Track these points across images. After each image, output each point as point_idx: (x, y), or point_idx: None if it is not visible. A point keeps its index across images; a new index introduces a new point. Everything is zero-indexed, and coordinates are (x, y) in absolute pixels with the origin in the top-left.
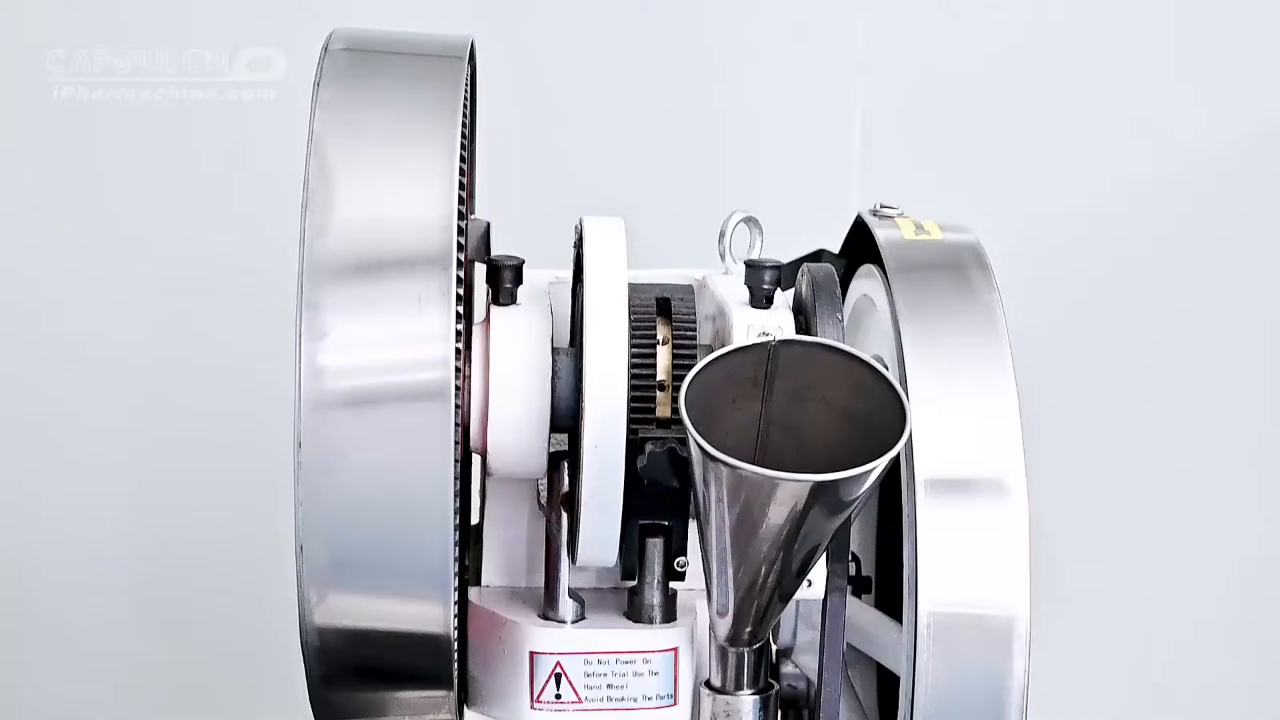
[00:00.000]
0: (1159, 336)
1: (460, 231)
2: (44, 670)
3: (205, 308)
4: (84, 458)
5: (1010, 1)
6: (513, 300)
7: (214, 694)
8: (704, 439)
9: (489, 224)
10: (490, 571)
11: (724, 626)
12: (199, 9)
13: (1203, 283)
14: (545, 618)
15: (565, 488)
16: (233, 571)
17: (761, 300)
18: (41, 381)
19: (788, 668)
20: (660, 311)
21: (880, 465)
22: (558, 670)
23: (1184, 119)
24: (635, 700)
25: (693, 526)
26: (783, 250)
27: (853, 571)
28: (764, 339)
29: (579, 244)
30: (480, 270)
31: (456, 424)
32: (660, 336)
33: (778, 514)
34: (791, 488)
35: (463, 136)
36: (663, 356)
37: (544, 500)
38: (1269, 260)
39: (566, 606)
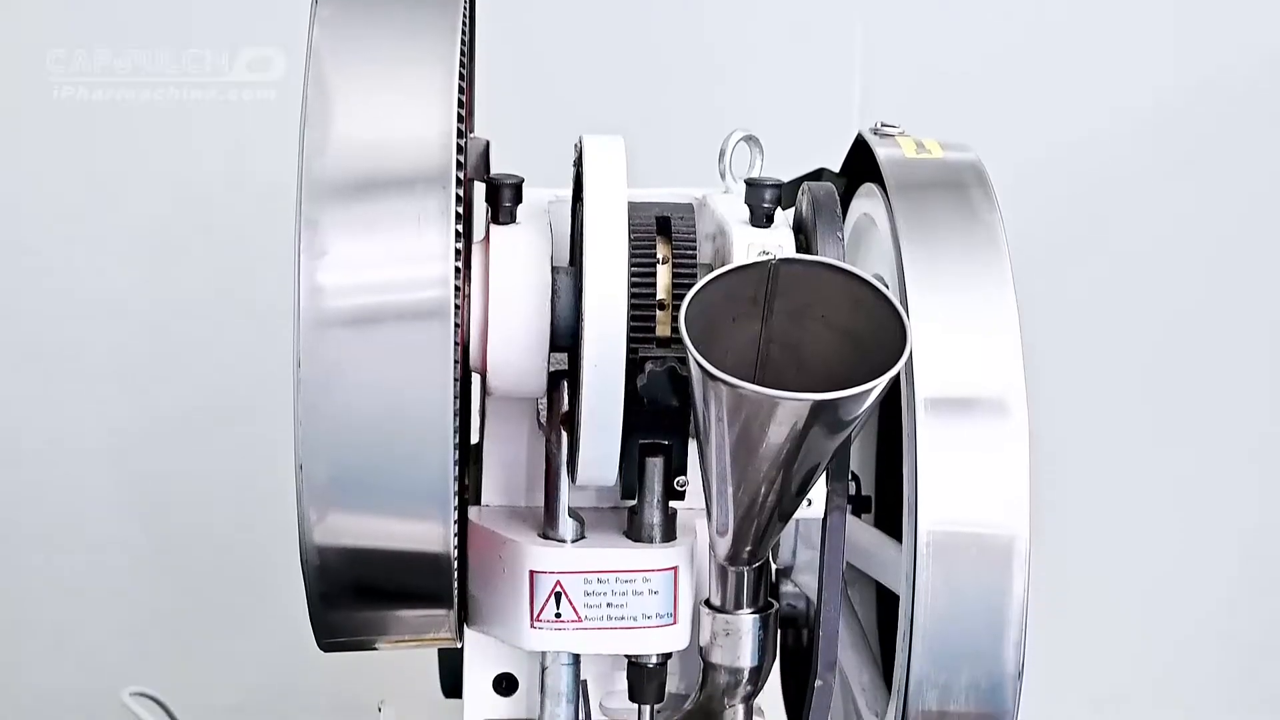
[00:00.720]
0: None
1: (459, 150)
2: (41, 595)
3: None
4: (80, 387)
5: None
6: (512, 219)
7: (213, 615)
8: (704, 358)
9: (488, 142)
10: (490, 491)
11: (724, 545)
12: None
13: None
14: (545, 537)
15: (565, 407)
16: (232, 490)
17: (762, 219)
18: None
19: (787, 587)
20: (660, 230)
21: (880, 384)
22: (558, 589)
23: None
24: (635, 619)
25: (692, 446)
26: (783, 169)
27: (852, 491)
28: (764, 258)
29: (578, 162)
30: (480, 189)
31: (456, 343)
32: (660, 255)
33: (778, 433)
34: (791, 407)
35: (462, 54)
36: (662, 275)
37: (544, 419)
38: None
39: (566, 526)
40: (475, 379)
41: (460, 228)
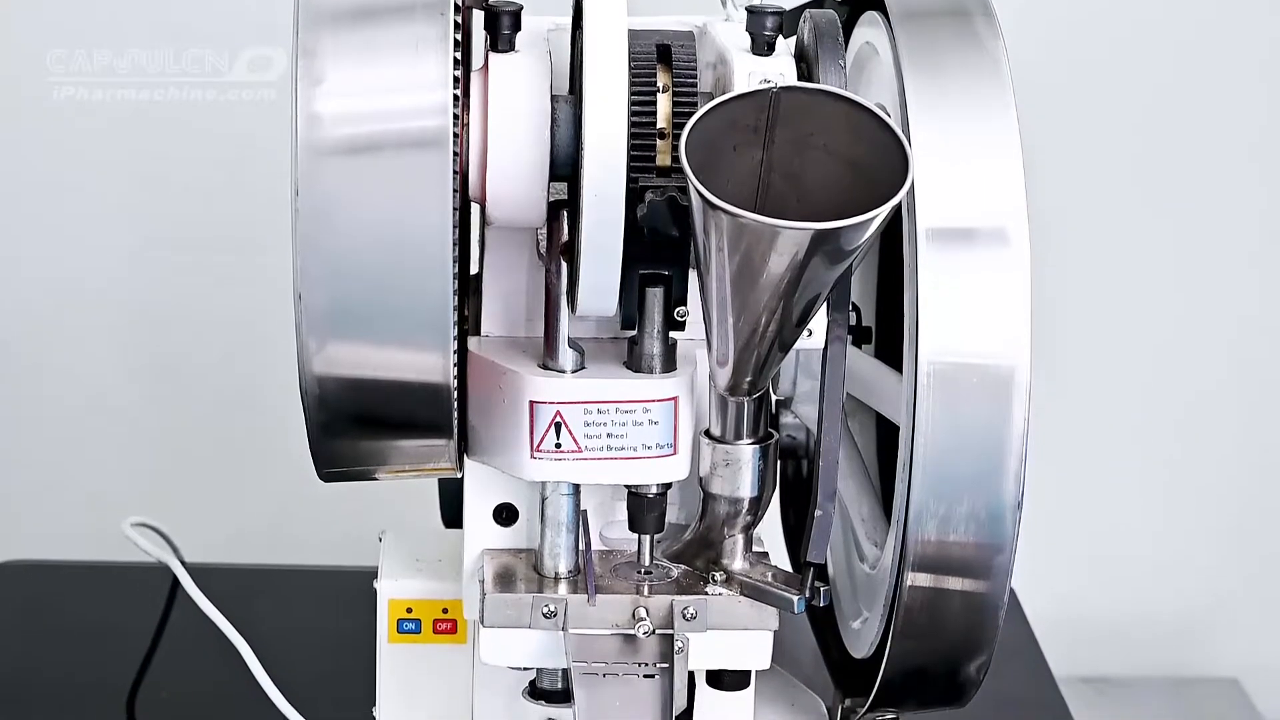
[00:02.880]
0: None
1: None
2: (42, 429)
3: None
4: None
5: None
6: (511, 47)
7: (215, 448)
8: (704, 187)
9: None
10: (490, 321)
11: (724, 376)
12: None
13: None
14: (545, 367)
15: (565, 237)
16: (233, 322)
17: (763, 47)
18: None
19: (787, 418)
20: (660, 58)
21: (882, 213)
22: (557, 419)
23: None
24: (635, 449)
25: (693, 276)
26: None
27: (853, 321)
28: (765, 86)
29: None
30: (478, 17)
31: (455, 172)
32: (660, 84)
33: (778, 263)
34: (792, 236)
35: None
36: (663, 104)
37: (543, 249)
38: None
39: (566, 356)
40: (475, 209)
41: (459, 55)
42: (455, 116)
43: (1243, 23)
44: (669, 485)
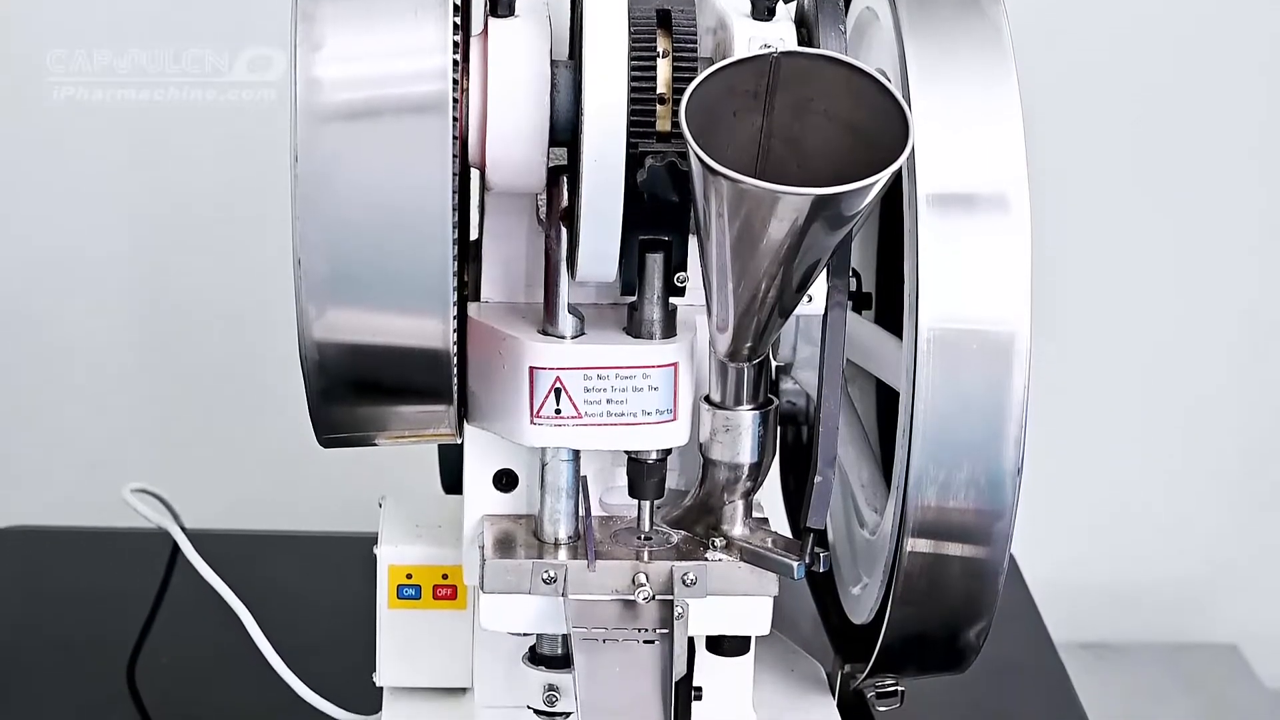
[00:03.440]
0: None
1: None
2: (43, 394)
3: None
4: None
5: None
6: (511, 11)
7: (215, 415)
8: (705, 152)
9: None
10: (490, 287)
11: (724, 342)
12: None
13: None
14: (545, 333)
15: (565, 202)
16: (233, 289)
17: (763, 12)
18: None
19: (787, 384)
20: (660, 23)
21: (882, 179)
22: (557, 385)
23: None
24: (635, 415)
25: (693, 241)
26: None
27: (853, 287)
28: (766, 51)
29: None
30: None
31: (455, 137)
32: (660, 49)
33: (778, 229)
34: (793, 202)
35: None
36: (663, 69)
37: (543, 215)
38: None
39: (566, 322)
40: (474, 174)
41: (458, 20)
42: (455, 81)
43: None
44: (669, 451)
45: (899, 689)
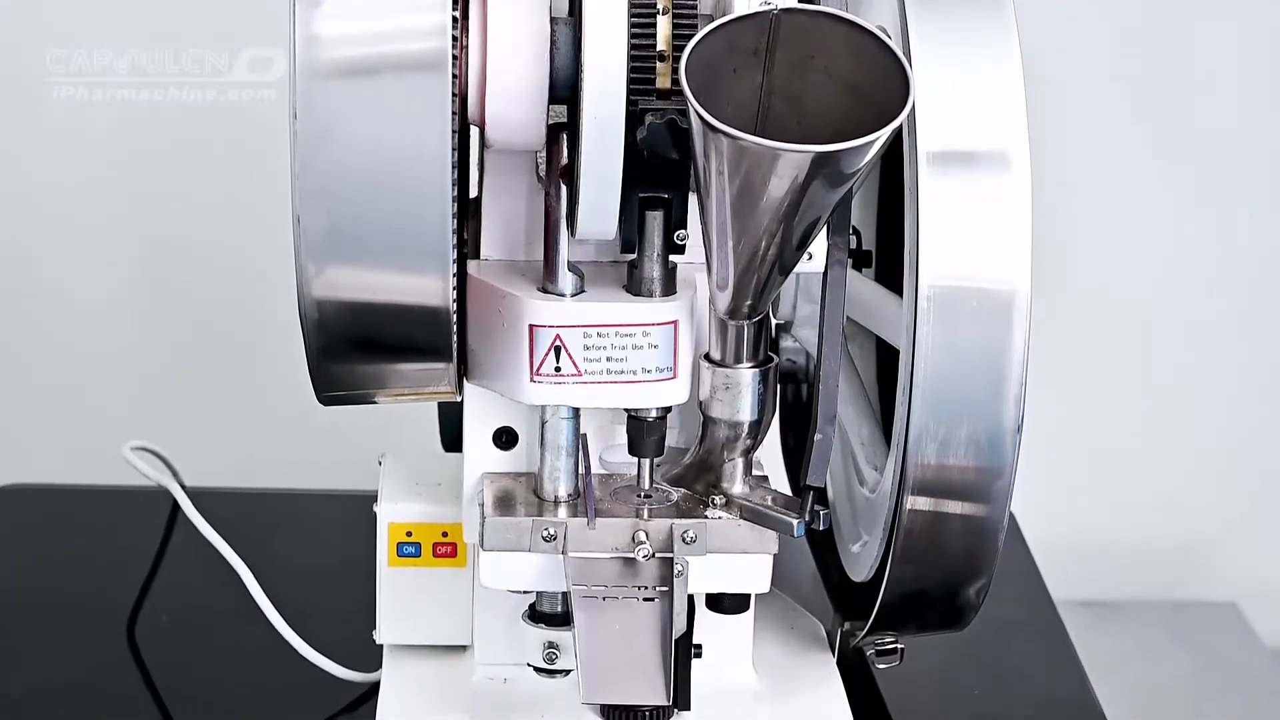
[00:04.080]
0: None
1: None
2: (43, 355)
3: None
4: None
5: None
6: None
7: (214, 373)
8: (705, 109)
9: None
10: (489, 244)
11: (724, 300)
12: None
13: None
14: (544, 291)
15: (564, 160)
16: (233, 246)
17: None
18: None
19: (787, 342)
20: None
21: (882, 136)
22: (557, 343)
23: None
24: (635, 373)
25: (693, 199)
26: None
27: (854, 245)
28: (766, 8)
29: None
30: None
31: (454, 94)
32: (660, 5)
33: (778, 186)
34: (793, 159)
35: None
36: (663, 26)
37: (543, 172)
38: None
39: (566, 279)
40: (474, 132)
41: None
42: (454, 38)
43: None
44: (669, 409)
45: (898, 646)
